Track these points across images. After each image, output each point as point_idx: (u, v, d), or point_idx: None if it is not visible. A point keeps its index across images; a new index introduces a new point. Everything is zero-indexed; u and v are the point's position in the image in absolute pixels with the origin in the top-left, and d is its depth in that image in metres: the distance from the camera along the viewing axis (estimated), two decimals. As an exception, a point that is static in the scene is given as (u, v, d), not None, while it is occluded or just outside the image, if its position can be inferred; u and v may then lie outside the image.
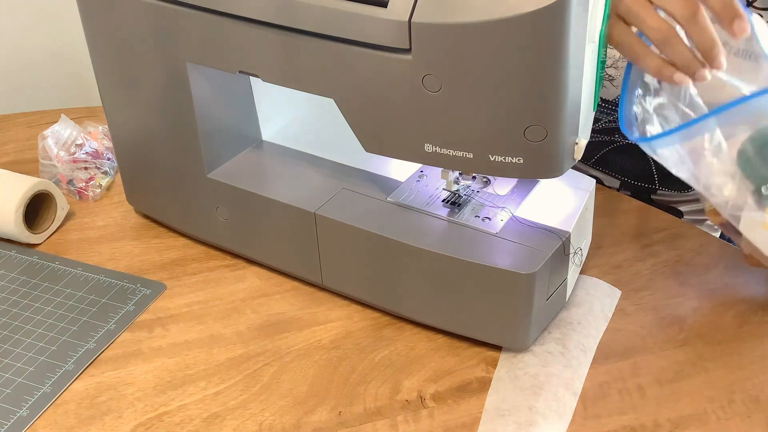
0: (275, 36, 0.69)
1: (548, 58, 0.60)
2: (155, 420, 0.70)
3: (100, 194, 0.98)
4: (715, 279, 0.83)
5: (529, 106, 0.63)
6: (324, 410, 0.71)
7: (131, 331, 0.79)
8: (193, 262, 0.88)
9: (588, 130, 0.70)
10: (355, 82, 0.68)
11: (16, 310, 0.81)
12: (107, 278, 0.85)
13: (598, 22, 0.64)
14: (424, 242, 0.73)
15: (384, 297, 0.78)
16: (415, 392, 0.72)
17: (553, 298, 0.75)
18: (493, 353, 0.75)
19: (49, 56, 1.38)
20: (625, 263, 0.86)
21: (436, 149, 0.68)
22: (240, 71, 0.74)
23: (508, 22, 0.58)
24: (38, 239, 0.90)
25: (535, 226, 0.74)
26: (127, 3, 0.76)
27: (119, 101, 0.86)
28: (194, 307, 0.82)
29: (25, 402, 0.72)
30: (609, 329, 0.78)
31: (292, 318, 0.80)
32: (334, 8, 0.64)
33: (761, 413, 0.69)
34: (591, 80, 0.66)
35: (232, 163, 0.84)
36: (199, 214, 0.87)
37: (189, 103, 0.79)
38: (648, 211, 0.94)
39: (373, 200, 0.78)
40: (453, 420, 0.70)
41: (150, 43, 0.78)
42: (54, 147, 0.98)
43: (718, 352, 0.75)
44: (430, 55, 0.63)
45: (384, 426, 0.69)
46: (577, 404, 0.71)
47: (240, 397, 0.72)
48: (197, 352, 0.77)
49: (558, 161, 0.66)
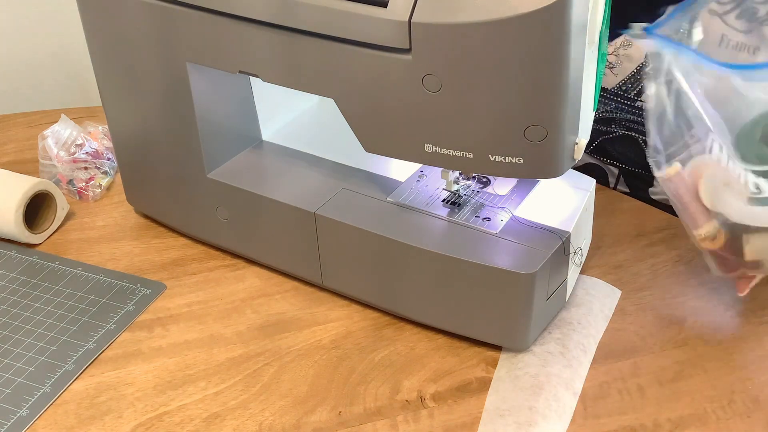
0: (275, 36, 0.69)
1: (548, 58, 0.60)
2: (155, 420, 0.70)
3: (100, 194, 0.98)
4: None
5: (529, 106, 0.63)
6: (324, 410, 0.71)
7: (131, 331, 0.79)
8: (193, 262, 0.88)
9: (588, 130, 0.70)
10: (355, 82, 0.68)
11: (16, 310, 0.81)
12: (107, 278, 0.85)
13: (598, 22, 0.64)
14: (424, 242, 0.73)
15: (384, 297, 0.78)
16: (415, 392, 0.72)
17: (553, 298, 0.75)
18: (493, 353, 0.75)
19: (49, 56, 1.38)
20: (625, 263, 0.86)
21: (436, 149, 0.68)
22: (240, 71, 0.74)
23: (508, 22, 0.58)
24: (38, 239, 0.90)
25: (535, 226, 0.74)
26: (127, 3, 0.76)
27: (119, 101, 0.86)
28: (194, 307, 0.82)
29: (25, 402, 0.72)
30: (609, 329, 0.78)
31: (292, 318, 0.80)
32: (334, 8, 0.64)
33: (761, 413, 0.69)
34: (591, 80, 0.66)
35: (232, 163, 0.84)
36: (199, 214, 0.87)
37: (189, 103, 0.79)
38: (648, 210, 0.94)
39: (373, 200, 0.78)
40: (453, 420, 0.70)
41: (150, 43, 0.78)
42: (54, 147, 0.98)
43: (718, 352, 0.75)
44: (430, 55, 0.63)
45: (384, 426, 0.69)
46: (577, 404, 0.71)
47: (240, 397, 0.72)
48: (197, 352, 0.77)
49: (558, 161, 0.66)
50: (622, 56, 0.92)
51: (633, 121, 0.97)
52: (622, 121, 0.97)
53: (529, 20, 0.58)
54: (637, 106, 0.95)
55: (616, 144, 1.02)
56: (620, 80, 0.94)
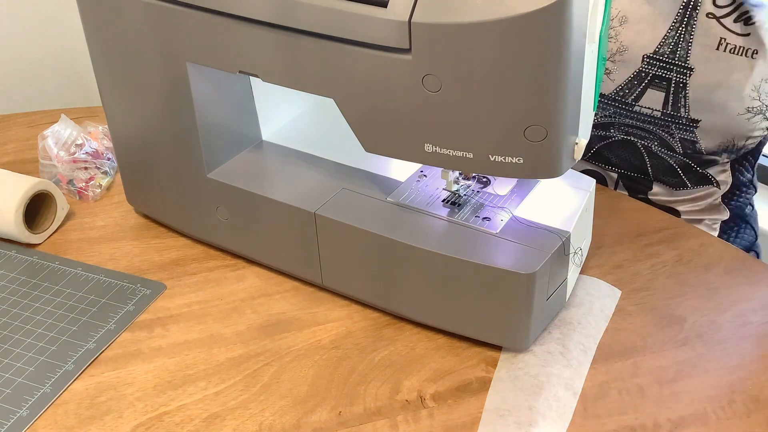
0: (275, 36, 0.69)
1: (548, 58, 0.60)
2: (155, 420, 0.70)
3: (100, 194, 0.98)
4: (715, 279, 0.83)
5: (529, 106, 0.63)
6: (324, 410, 0.71)
7: (131, 331, 0.79)
8: (193, 262, 0.88)
9: (588, 130, 0.70)
10: (355, 82, 0.68)
11: (16, 310, 0.81)
12: (107, 278, 0.85)
13: (598, 22, 0.64)
14: (424, 242, 0.73)
15: (384, 297, 0.78)
16: (415, 392, 0.72)
17: (553, 298, 0.75)
18: (493, 353, 0.75)
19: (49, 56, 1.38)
20: (625, 263, 0.86)
21: (436, 149, 0.68)
22: (240, 71, 0.74)
23: (508, 22, 0.58)
24: (38, 239, 0.90)
25: (535, 226, 0.74)
26: (127, 3, 0.76)
27: (119, 101, 0.86)
28: (194, 307, 0.82)
29: (25, 402, 0.72)
30: (609, 329, 0.78)
31: (292, 318, 0.80)
32: (334, 8, 0.64)
33: (761, 413, 0.69)
34: (591, 80, 0.66)
35: (232, 163, 0.84)
36: (199, 214, 0.87)
37: (189, 103, 0.79)
38: (648, 210, 0.94)
39: (373, 200, 0.78)
40: (453, 420, 0.70)
41: (150, 43, 0.78)
42: (54, 147, 0.98)
43: (718, 352, 0.75)
44: (430, 55, 0.63)
45: (384, 426, 0.69)
46: (577, 404, 0.71)
47: (240, 397, 0.72)
48: (197, 352, 0.77)
49: (558, 161, 0.66)
50: (618, 62, 0.93)
51: (632, 126, 0.97)
52: (621, 125, 0.98)
53: (528, 20, 0.58)
54: (636, 111, 0.95)
55: (614, 148, 1.02)
56: (618, 85, 0.94)
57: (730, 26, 0.89)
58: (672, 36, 0.90)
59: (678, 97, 0.92)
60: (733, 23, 0.89)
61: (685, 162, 0.98)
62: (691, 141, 0.95)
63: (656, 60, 0.92)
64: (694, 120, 0.93)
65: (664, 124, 0.95)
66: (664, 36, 0.91)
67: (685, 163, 0.98)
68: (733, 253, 0.87)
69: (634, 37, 0.91)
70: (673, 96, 0.92)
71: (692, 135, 0.95)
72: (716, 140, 0.95)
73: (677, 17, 0.90)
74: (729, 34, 0.89)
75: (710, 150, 0.96)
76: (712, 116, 0.92)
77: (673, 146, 0.96)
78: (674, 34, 0.90)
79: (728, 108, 0.91)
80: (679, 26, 0.90)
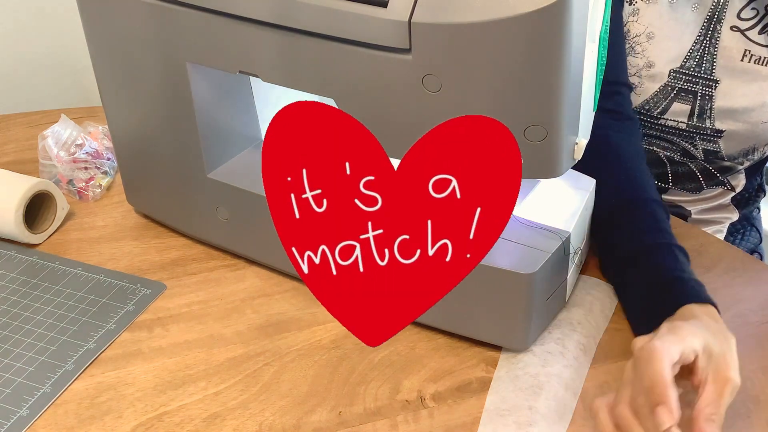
0: (275, 36, 0.69)
1: (548, 58, 0.60)
2: (155, 420, 0.70)
3: (100, 194, 0.98)
4: (715, 279, 0.83)
5: (529, 106, 0.63)
6: (324, 410, 0.71)
7: (131, 331, 0.79)
8: (193, 262, 0.88)
9: (588, 130, 0.70)
10: (355, 82, 0.68)
11: (16, 310, 0.81)
12: (107, 278, 0.85)
13: (598, 22, 0.64)
14: (424, 242, 0.73)
15: (384, 297, 0.78)
16: (415, 392, 0.72)
17: (553, 298, 0.75)
18: (493, 353, 0.75)
19: (49, 56, 1.38)
20: (625, 263, 0.86)
21: (436, 149, 0.68)
22: (240, 71, 0.74)
23: (508, 22, 0.58)
24: (38, 239, 0.90)
25: (535, 226, 0.74)
26: (127, 3, 0.76)
27: (119, 101, 0.86)
28: (194, 307, 0.82)
29: (25, 402, 0.72)
30: (609, 329, 0.78)
31: (292, 318, 0.80)
32: (334, 8, 0.64)
33: (761, 413, 0.69)
34: (591, 80, 0.66)
35: (232, 163, 0.84)
36: (199, 214, 0.86)
37: (189, 103, 0.79)
38: (648, 211, 0.94)
39: (373, 200, 0.78)
40: (453, 420, 0.70)
41: (150, 43, 0.78)
42: (54, 147, 0.98)
43: (718, 352, 0.75)
44: (430, 55, 0.63)
45: (384, 426, 0.69)
46: (577, 404, 0.70)
47: (240, 397, 0.72)
48: (197, 352, 0.77)
49: (558, 161, 0.66)
50: (645, 77, 0.93)
51: (656, 137, 0.98)
52: (644, 136, 0.98)
53: (528, 20, 0.58)
54: (661, 123, 0.96)
55: None
56: (643, 99, 0.94)
57: (754, 38, 0.90)
58: (697, 50, 0.91)
59: (704, 109, 0.93)
60: (758, 35, 0.90)
61: (705, 167, 0.99)
62: (714, 151, 0.96)
63: (682, 74, 0.92)
64: (718, 131, 0.94)
65: (688, 136, 0.96)
66: (690, 50, 0.91)
67: (705, 169, 0.99)
68: (733, 253, 0.87)
69: (661, 52, 0.92)
70: (699, 108, 0.93)
71: (716, 145, 0.95)
72: (738, 147, 0.96)
73: (701, 31, 0.91)
74: (753, 46, 0.90)
75: (732, 156, 0.97)
76: (736, 126, 0.93)
77: (695, 155, 0.97)
78: (699, 47, 0.91)
79: (752, 117, 0.92)
80: (703, 39, 0.91)
